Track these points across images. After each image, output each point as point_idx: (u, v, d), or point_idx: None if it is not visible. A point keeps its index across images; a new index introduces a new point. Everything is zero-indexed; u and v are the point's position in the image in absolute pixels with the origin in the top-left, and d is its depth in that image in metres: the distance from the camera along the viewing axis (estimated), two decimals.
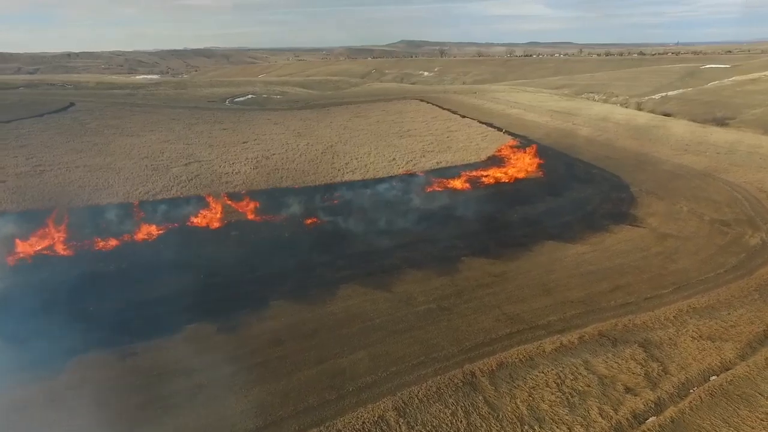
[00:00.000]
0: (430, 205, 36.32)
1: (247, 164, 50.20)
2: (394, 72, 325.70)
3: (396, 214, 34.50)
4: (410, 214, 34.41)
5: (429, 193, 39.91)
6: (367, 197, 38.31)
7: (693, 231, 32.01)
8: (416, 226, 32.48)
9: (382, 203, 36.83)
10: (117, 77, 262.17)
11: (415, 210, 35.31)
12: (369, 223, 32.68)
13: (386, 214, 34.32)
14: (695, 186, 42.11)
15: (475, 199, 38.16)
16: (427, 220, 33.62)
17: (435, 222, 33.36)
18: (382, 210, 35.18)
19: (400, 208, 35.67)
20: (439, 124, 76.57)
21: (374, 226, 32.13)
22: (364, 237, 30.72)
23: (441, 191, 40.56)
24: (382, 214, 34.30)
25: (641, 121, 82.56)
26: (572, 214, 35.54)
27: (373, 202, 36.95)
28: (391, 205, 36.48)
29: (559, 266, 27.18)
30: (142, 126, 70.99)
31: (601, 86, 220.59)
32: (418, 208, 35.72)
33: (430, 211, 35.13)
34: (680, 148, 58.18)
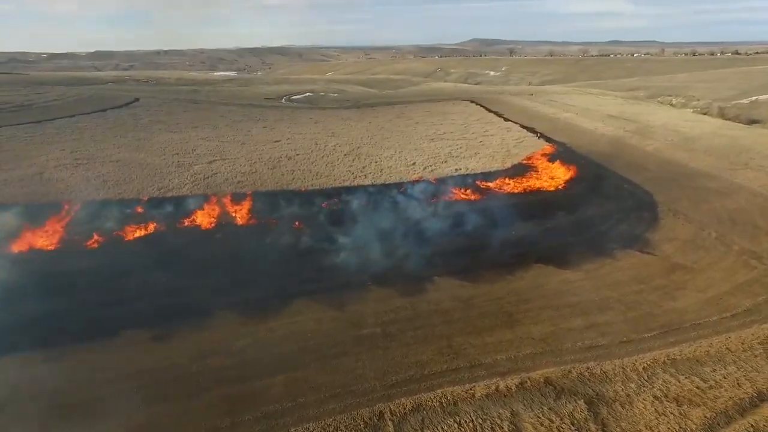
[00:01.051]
0: (425, 217, 34.19)
1: (268, 164, 50.25)
2: (459, 71, 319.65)
3: (386, 224, 32.74)
4: (401, 226, 32.53)
5: (432, 203, 37.71)
6: (365, 205, 36.80)
7: (712, 262, 27.61)
8: (402, 239, 30.58)
9: (378, 212, 35.17)
10: (197, 74, 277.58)
11: (407, 221, 33.37)
12: (353, 233, 31.18)
13: (376, 224, 32.65)
14: (739, 208, 36.68)
15: (478, 212, 35.49)
16: (416, 233, 31.60)
17: (423, 236, 31.27)
18: (374, 220, 33.54)
19: (393, 219, 33.86)
20: (477, 128, 73.23)
21: (357, 238, 30.59)
22: (341, 248, 29.30)
23: (446, 201, 38.22)
24: (372, 224, 32.67)
25: (707, 129, 74.42)
26: (579, 234, 32.01)
27: (369, 211, 35.39)
28: (387, 214, 34.74)
29: (537, 295, 24.31)
30: (189, 122, 73.69)
31: (680, 89, 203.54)
32: (412, 220, 33.73)
33: (423, 224, 33.02)
34: (740, 163, 51.38)
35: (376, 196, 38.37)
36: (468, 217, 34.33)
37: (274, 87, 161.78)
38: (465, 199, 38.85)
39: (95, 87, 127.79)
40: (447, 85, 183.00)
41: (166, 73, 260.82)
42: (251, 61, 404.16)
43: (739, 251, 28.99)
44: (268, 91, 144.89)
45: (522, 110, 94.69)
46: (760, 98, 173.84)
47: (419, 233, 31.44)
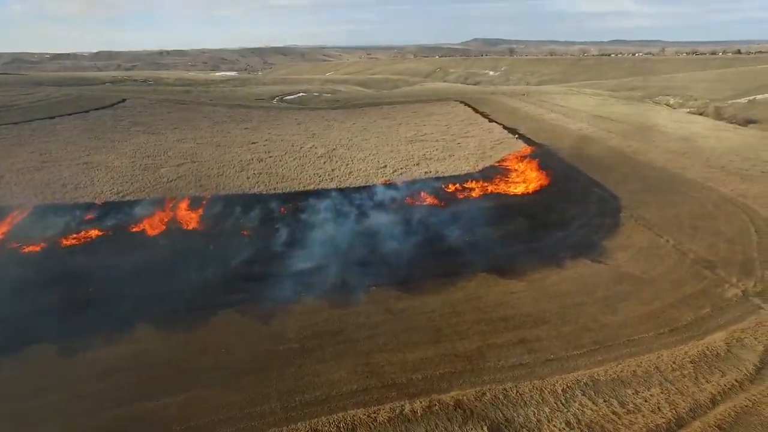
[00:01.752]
0: (379, 223, 33.07)
1: (237, 167, 49.30)
2: (459, 71, 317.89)
3: (336, 232, 31.68)
4: (350, 233, 31.44)
5: (390, 208, 36.57)
6: (321, 211, 35.70)
7: (663, 272, 26.34)
8: (347, 247, 29.48)
9: (331, 219, 34.07)
10: (196, 74, 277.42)
11: (359, 228, 32.25)
12: (299, 242, 30.14)
13: (325, 231, 31.62)
14: (705, 213, 35.34)
15: (435, 218, 34.36)
16: (364, 240, 30.48)
17: (370, 243, 30.15)
18: (325, 227, 32.49)
19: (345, 226, 32.78)
20: (459, 129, 72.00)
21: (301, 246, 29.54)
22: (282, 257, 28.26)
23: (405, 206, 37.08)
24: (321, 231, 31.64)
25: (694, 130, 72.88)
26: (534, 241, 30.78)
27: (323, 218, 34.28)
28: (339, 221, 33.65)
29: (472, 307, 23.17)
30: (170, 123, 72.84)
31: (679, 88, 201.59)
32: (364, 226, 32.63)
33: (374, 231, 31.90)
34: (718, 166, 49.92)
35: (335, 201, 37.28)
36: (423, 223, 33.21)
37: (269, 87, 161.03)
38: (426, 203, 37.70)
39: (87, 87, 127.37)
40: (443, 85, 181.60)
41: (166, 73, 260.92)
42: (253, 61, 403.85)
43: (693, 260, 27.70)
44: (261, 91, 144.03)
45: (510, 111, 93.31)
46: (758, 98, 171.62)
47: (368, 241, 30.33)
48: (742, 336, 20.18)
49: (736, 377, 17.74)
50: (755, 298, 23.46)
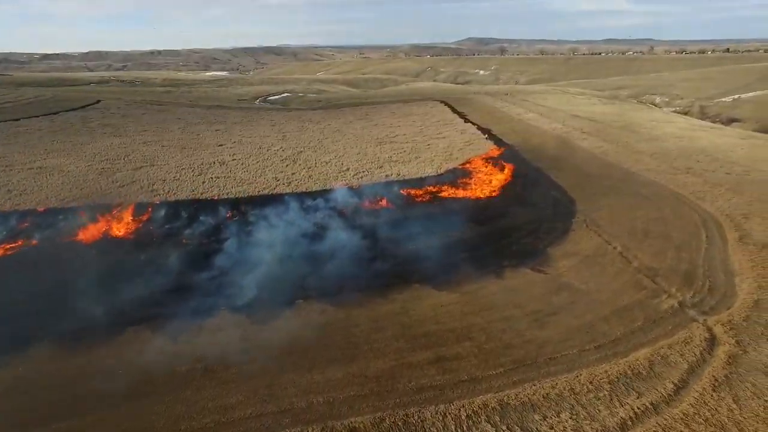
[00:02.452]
0: (322, 232, 31.80)
1: (196, 170, 47.97)
2: (450, 70, 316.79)
3: (276, 240, 30.41)
4: (290, 242, 30.19)
5: (338, 214, 35.33)
6: (267, 217, 34.39)
7: (603, 282, 25.24)
8: (283, 257, 28.22)
9: (274, 226, 32.79)
10: (186, 74, 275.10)
11: (300, 237, 30.97)
12: (234, 251, 28.87)
13: (264, 240, 30.35)
14: (660, 217, 34.28)
15: (382, 225, 33.17)
16: (302, 250, 29.23)
17: (309, 253, 28.92)
18: (267, 235, 31.22)
19: (287, 233, 31.51)
20: (433, 130, 70.86)
21: (235, 255, 28.27)
22: (211, 267, 27.00)
23: (355, 212, 35.84)
24: (260, 240, 30.37)
25: (668, 130, 71.99)
26: (478, 249, 29.62)
27: (266, 225, 32.99)
28: (282, 228, 32.37)
29: (398, 322, 21.99)
30: (141, 126, 71.35)
31: (665, 87, 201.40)
32: (307, 234, 31.35)
33: (315, 239, 30.63)
34: (684, 167, 48.94)
35: (284, 207, 36.02)
36: (368, 230, 32.02)
37: (254, 87, 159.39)
38: (376, 209, 36.50)
39: (67, 88, 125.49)
40: (429, 84, 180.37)
41: (155, 73, 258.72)
42: (246, 60, 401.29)
43: (637, 268, 26.60)
44: (245, 91, 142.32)
45: (489, 111, 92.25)
46: (743, 96, 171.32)
47: (306, 250, 29.09)
48: (668, 353, 19.09)
49: (652, 399, 16.63)
50: (691, 310, 22.38)
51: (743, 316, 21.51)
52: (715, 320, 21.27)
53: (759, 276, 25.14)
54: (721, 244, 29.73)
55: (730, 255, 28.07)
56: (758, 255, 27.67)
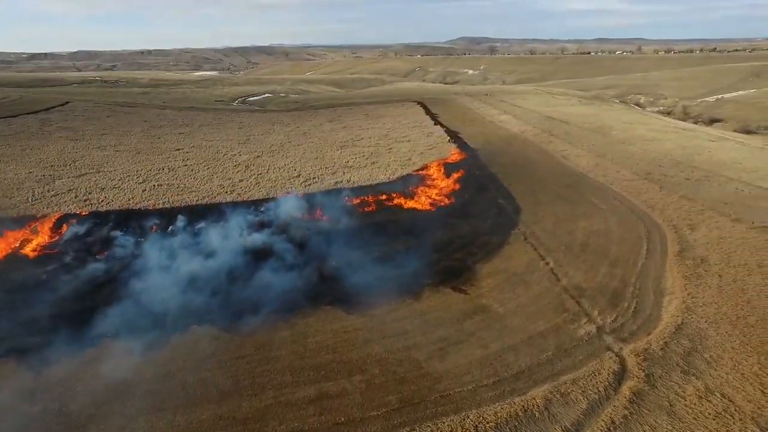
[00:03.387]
0: (245, 246, 29.82)
1: (141, 176, 45.92)
2: (439, 70, 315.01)
3: (193, 255, 28.47)
4: (208, 258, 28.24)
5: (270, 226, 33.39)
6: (193, 230, 32.47)
7: (524, 303, 23.45)
8: (193, 277, 26.20)
9: (197, 240, 30.83)
10: (173, 74, 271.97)
11: (221, 252, 28.99)
12: (144, 269, 26.88)
13: (181, 255, 28.41)
14: (602, 230, 32.54)
15: (313, 238, 31.25)
16: (217, 268, 27.23)
17: (224, 271, 26.96)
18: (184, 250, 29.26)
19: (208, 247, 29.56)
20: (399, 132, 69.00)
21: (143, 274, 26.29)
22: (114, 288, 25.04)
23: (288, 224, 33.84)
24: (176, 255, 28.41)
25: (638, 132, 70.42)
26: (403, 266, 27.69)
27: (188, 239, 31.04)
28: (205, 241, 30.42)
29: (292, 351, 20.12)
30: (102, 129, 69.08)
31: (651, 87, 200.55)
32: (229, 249, 29.38)
33: (236, 255, 28.66)
34: (642, 172, 47.29)
35: (216, 218, 34.08)
36: (296, 245, 30.07)
37: (237, 88, 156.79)
38: (312, 220, 34.57)
39: (42, 89, 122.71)
40: (414, 85, 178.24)
41: (142, 73, 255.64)
42: (237, 60, 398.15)
43: (564, 287, 24.83)
44: (226, 92, 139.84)
45: (463, 112, 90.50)
46: (726, 96, 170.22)
47: (222, 268, 27.12)
48: (570, 389, 17.32)
49: None
50: (609, 337, 20.63)
51: (662, 343, 19.78)
52: (631, 349, 19.52)
53: (689, 296, 23.41)
54: (660, 258, 28.01)
55: (666, 271, 26.35)
56: (694, 271, 25.96)
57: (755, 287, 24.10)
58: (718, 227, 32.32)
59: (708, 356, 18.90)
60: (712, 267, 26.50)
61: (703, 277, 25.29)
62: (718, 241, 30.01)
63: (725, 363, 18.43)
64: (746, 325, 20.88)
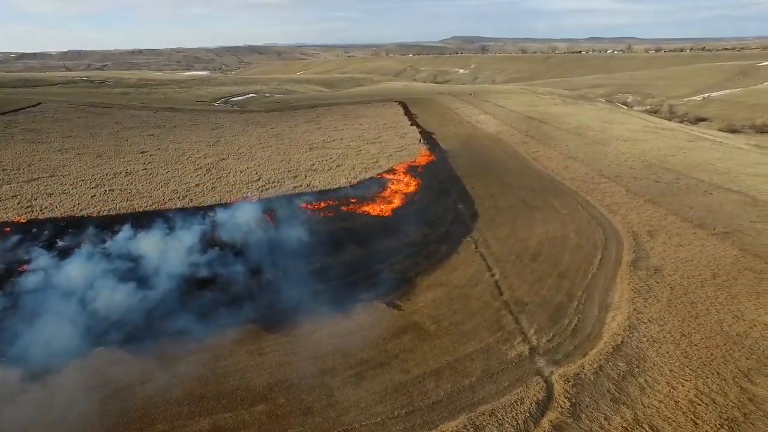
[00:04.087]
0: (179, 259, 27.93)
1: (94, 182, 43.97)
2: (429, 69, 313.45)
3: (118, 267, 26.63)
4: (134, 270, 26.42)
5: (213, 235, 31.53)
6: (128, 239, 30.52)
7: (459, 321, 21.77)
8: (112, 291, 24.32)
9: (128, 251, 28.92)
10: (163, 74, 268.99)
11: (149, 264, 27.12)
12: (62, 284, 25.01)
13: (106, 267, 26.56)
14: (559, 237, 30.91)
15: (255, 248, 29.45)
16: (130, 284, 25.13)
17: (151, 284, 25.14)
18: (110, 262, 27.39)
19: (137, 259, 27.70)
20: (372, 134, 67.27)
21: (60, 289, 24.43)
22: (24, 304, 23.19)
23: (235, 232, 32.03)
24: (102, 267, 26.56)
25: (615, 133, 69.02)
26: (343, 278, 25.99)
27: (119, 248, 29.15)
28: (136, 252, 28.50)
29: (198, 377, 18.36)
30: (68, 130, 66.95)
31: (639, 86, 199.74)
32: (163, 260, 27.50)
33: (166, 267, 26.80)
34: (611, 175, 45.75)
35: (158, 226, 32.18)
36: (236, 255, 28.28)
37: (223, 88, 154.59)
38: (261, 228, 32.75)
39: (19, 90, 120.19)
40: (400, 84, 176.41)
41: (130, 73, 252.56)
42: (229, 60, 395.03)
43: (505, 302, 23.19)
44: (210, 92, 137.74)
45: (443, 112, 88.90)
46: (713, 95, 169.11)
47: (149, 281, 25.32)
48: (486, 422, 15.66)
49: None
50: (541, 359, 18.98)
51: (596, 366, 18.15)
52: (561, 374, 17.87)
53: (635, 311, 21.80)
54: (613, 268, 26.40)
55: (617, 283, 24.74)
56: (644, 283, 24.36)
57: (706, 301, 22.53)
58: (679, 234, 30.78)
59: (643, 381, 17.29)
60: (665, 278, 24.92)
61: (654, 290, 23.70)
62: (676, 249, 28.46)
63: (660, 389, 16.83)
64: (690, 344, 19.30)
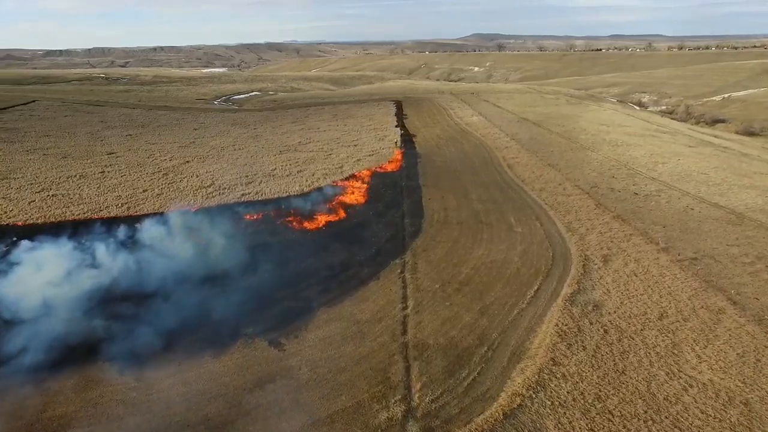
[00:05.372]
0: (33, 282, 24.93)
1: (42, 185, 41.88)
2: (444, 67, 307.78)
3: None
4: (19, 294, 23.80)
5: (118, 252, 28.50)
6: (40, 252, 28.02)
7: (340, 368, 18.30)
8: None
9: (31, 266, 26.38)
10: (179, 71, 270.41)
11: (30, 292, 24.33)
12: None
13: None
14: (500, 260, 27.13)
15: (159, 269, 26.56)
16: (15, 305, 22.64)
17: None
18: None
19: (29, 279, 25.09)
20: (352, 136, 64.13)
21: None
22: None
23: (148, 248, 29.11)
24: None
25: (613, 136, 64.24)
26: (233, 308, 22.78)
27: (24, 261, 26.66)
28: (36, 270, 25.91)
29: (11, 429, 15.58)
30: (45, 131, 65.16)
31: (656, 85, 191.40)
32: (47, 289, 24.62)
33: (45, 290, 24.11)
34: (587, 185, 41.53)
35: (60, 241, 29.18)
36: (134, 279, 25.43)
37: (228, 86, 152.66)
38: (170, 244, 29.81)
39: (20, 87, 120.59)
40: (404, 82, 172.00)
41: (147, 70, 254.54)
42: (248, 57, 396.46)
43: (404, 344, 19.70)
44: (213, 90, 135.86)
45: (435, 113, 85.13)
46: (733, 95, 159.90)
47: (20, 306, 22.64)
48: None
49: None
50: (415, 425, 15.53)
51: None
52: None
53: (551, 362, 18.10)
54: (546, 303, 22.61)
55: (544, 323, 20.98)
56: (576, 324, 20.57)
57: (641, 350, 18.66)
58: (637, 259, 26.70)
59: None
60: (602, 318, 21.07)
61: (583, 333, 19.91)
62: (628, 279, 24.46)
63: None
64: (602, 411, 15.59)
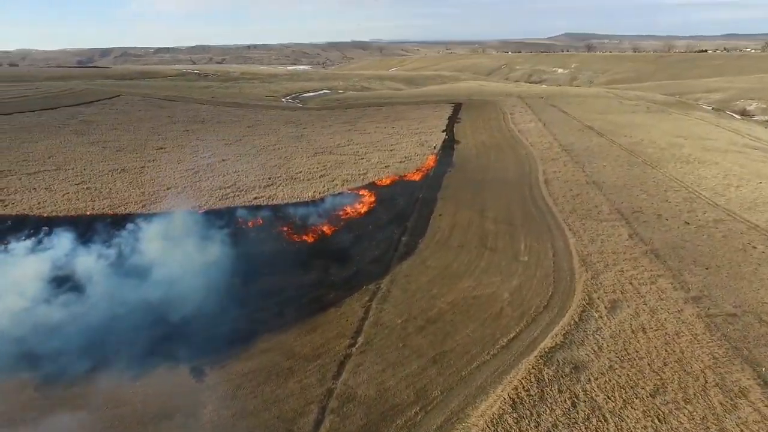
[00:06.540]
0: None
1: (84, 178, 44.30)
2: (525, 68, 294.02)
3: None
4: None
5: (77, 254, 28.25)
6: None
7: (248, 410, 16.31)
8: None
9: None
10: (267, 68, 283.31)
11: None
12: None
13: None
14: (483, 297, 23.44)
15: (125, 278, 26.24)
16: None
17: None
18: None
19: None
20: (394, 139, 62.38)
21: None
22: None
23: (111, 252, 28.64)
24: None
25: (683, 152, 56.06)
26: (171, 326, 21.41)
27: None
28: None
29: None
30: (115, 124, 69.26)
31: (765, 91, 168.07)
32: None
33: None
34: (628, 209, 35.80)
35: (60, 234, 29.89)
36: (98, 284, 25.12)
37: (304, 83, 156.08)
38: (151, 248, 29.27)
39: (122, 82, 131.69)
40: (474, 84, 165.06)
41: (236, 67, 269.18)
42: (333, 55, 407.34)
43: (327, 393, 17.12)
44: (288, 87, 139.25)
45: (490, 118, 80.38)
46: None
47: None
48: None
49: None
50: None
51: None
52: None
53: None
54: (515, 357, 18.80)
55: (500, 385, 17.35)
56: (539, 390, 16.70)
57: None
58: (654, 310, 21.75)
59: None
60: (578, 384, 17.02)
61: (544, 404, 16.10)
62: (632, 335, 19.86)
63: None
64: None
